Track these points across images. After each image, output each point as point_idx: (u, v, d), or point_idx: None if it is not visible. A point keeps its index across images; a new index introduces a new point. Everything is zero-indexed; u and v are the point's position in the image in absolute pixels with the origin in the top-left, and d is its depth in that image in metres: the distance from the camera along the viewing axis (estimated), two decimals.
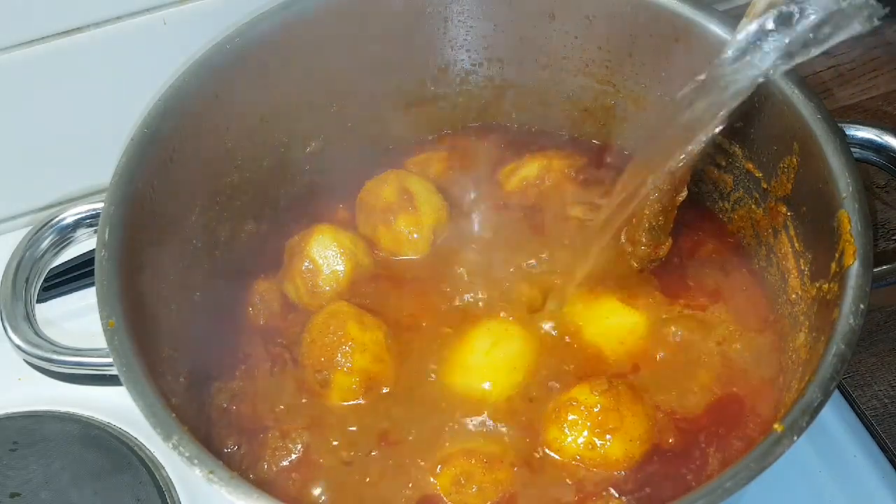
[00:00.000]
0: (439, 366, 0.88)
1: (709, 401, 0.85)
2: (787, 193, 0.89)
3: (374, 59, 1.02)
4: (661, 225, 0.91)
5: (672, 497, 0.65)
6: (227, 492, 0.66)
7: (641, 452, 0.81)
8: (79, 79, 1.05)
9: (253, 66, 0.94)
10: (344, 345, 0.86)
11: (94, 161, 0.98)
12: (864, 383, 0.96)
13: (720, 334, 0.89)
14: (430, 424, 0.84)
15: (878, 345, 0.99)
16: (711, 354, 0.88)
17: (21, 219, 1.16)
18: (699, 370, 0.87)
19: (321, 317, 0.89)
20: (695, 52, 0.94)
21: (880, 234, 1.07)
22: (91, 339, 0.78)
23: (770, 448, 0.66)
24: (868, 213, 0.77)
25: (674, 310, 0.91)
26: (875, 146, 0.85)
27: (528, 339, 0.88)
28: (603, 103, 1.05)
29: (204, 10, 1.05)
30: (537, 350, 0.88)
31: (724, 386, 0.86)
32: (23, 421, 0.96)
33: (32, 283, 0.84)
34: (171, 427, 0.69)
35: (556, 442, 0.81)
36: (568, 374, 0.86)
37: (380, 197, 0.97)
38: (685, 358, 0.88)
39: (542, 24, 1.01)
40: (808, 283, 0.84)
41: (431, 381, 0.87)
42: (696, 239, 0.97)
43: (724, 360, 0.88)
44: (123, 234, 0.80)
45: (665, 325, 0.90)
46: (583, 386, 0.82)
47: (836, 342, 0.71)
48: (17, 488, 0.90)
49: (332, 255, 0.94)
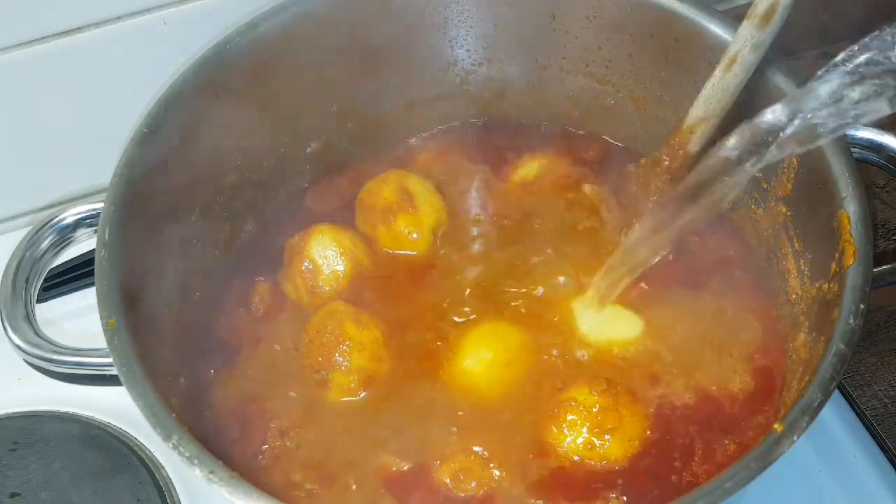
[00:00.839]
0: (438, 365, 0.88)
1: (707, 400, 0.85)
2: (787, 193, 0.89)
3: (374, 59, 1.02)
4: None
5: (671, 497, 0.65)
6: (227, 492, 0.66)
7: (640, 452, 0.81)
8: (79, 79, 1.05)
9: (253, 66, 0.94)
10: (341, 344, 0.86)
11: (94, 161, 0.98)
12: (864, 383, 0.96)
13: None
14: (428, 422, 0.84)
15: (878, 345, 0.99)
16: (711, 354, 0.88)
17: (21, 219, 1.16)
18: (697, 370, 0.87)
19: (318, 317, 0.89)
20: (695, 52, 0.94)
21: (880, 234, 1.07)
22: (91, 339, 0.77)
23: (770, 448, 0.65)
24: (868, 213, 0.77)
25: (674, 310, 0.91)
26: (875, 146, 0.85)
27: (525, 339, 0.88)
28: (603, 103, 1.05)
29: (204, 10, 1.05)
30: (536, 349, 0.88)
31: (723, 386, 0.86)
32: (23, 421, 0.96)
33: (32, 283, 0.84)
34: (171, 427, 0.69)
35: (555, 441, 0.81)
36: (567, 374, 0.86)
37: (380, 197, 0.97)
38: (685, 358, 0.88)
39: (542, 24, 1.01)
40: (808, 283, 0.84)
41: (430, 380, 0.87)
42: (696, 239, 0.97)
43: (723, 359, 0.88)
44: (123, 234, 0.80)
45: (664, 325, 0.90)
46: (581, 386, 0.82)
47: (836, 342, 0.70)
48: (17, 488, 0.90)
49: (332, 255, 0.94)
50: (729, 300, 0.91)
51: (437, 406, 0.85)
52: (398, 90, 1.06)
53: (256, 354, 0.91)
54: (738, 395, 0.85)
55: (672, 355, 0.88)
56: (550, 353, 0.88)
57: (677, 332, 0.89)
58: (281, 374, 0.89)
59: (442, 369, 0.88)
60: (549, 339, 0.89)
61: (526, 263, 0.95)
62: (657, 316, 0.90)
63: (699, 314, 0.90)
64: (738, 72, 0.84)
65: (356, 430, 0.85)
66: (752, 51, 0.82)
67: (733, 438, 0.82)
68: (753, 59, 0.83)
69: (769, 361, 0.87)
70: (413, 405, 0.86)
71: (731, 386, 0.85)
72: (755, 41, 0.82)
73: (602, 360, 0.87)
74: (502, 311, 0.91)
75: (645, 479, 0.80)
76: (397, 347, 0.89)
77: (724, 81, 0.85)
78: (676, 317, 0.90)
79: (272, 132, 1.00)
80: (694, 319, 0.90)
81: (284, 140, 1.02)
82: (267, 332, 0.93)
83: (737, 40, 0.83)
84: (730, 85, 0.85)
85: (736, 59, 0.83)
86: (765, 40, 0.82)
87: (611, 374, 0.85)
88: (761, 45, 0.82)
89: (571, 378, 0.85)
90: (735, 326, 0.89)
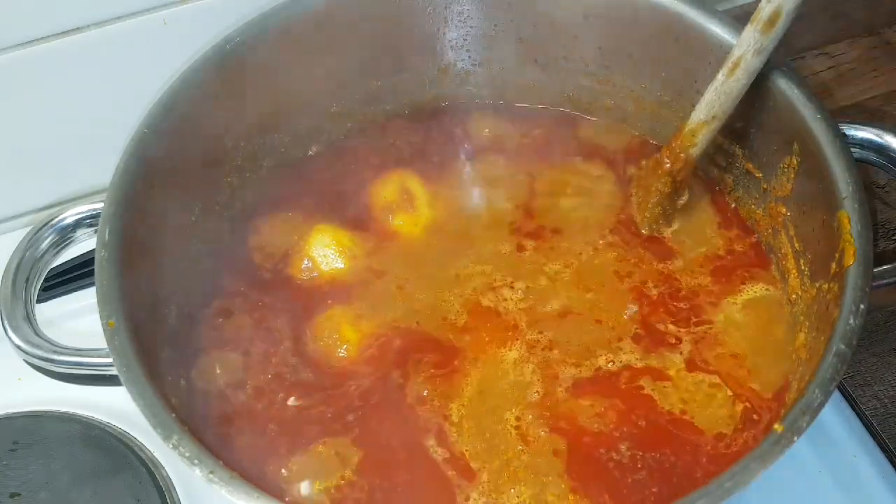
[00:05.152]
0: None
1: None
2: (787, 193, 0.89)
3: (374, 60, 1.03)
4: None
5: (670, 497, 0.66)
6: (227, 492, 0.66)
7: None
8: (79, 79, 1.05)
9: (253, 65, 0.94)
10: (339, 348, 0.88)
11: (94, 161, 0.98)
12: (864, 383, 0.96)
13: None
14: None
15: (878, 345, 0.99)
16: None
17: (21, 219, 1.16)
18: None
19: (317, 319, 0.90)
20: (695, 52, 0.94)
21: (880, 234, 1.07)
22: (91, 339, 0.77)
23: (770, 448, 0.65)
24: (868, 213, 0.77)
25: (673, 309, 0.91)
26: (875, 146, 0.85)
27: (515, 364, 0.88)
28: (603, 103, 1.05)
29: (204, 10, 1.04)
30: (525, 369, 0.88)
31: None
32: (23, 421, 0.96)
33: (32, 283, 0.84)
34: (171, 427, 0.69)
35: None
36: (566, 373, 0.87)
37: (380, 196, 0.98)
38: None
39: (542, 24, 1.01)
40: (808, 283, 0.84)
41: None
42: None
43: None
44: (123, 234, 0.80)
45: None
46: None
47: (836, 342, 0.70)
48: (17, 488, 0.90)
49: (332, 255, 0.94)
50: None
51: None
52: (398, 90, 1.06)
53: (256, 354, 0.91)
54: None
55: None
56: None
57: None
58: (280, 375, 0.89)
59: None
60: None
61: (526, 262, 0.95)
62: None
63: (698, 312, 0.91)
64: (741, 76, 0.84)
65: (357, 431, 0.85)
66: (755, 55, 0.82)
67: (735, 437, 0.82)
68: (756, 63, 0.83)
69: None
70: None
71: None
72: (758, 46, 0.82)
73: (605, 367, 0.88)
74: (502, 310, 0.91)
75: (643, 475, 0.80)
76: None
77: (726, 85, 0.85)
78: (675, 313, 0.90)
79: (272, 132, 1.00)
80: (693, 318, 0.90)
81: (285, 140, 1.02)
82: (266, 332, 0.93)
83: (740, 45, 0.83)
84: (732, 89, 0.85)
85: (739, 63, 0.83)
86: (768, 45, 0.82)
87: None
88: (764, 50, 0.82)
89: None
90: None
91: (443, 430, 0.83)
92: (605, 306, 0.91)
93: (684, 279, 0.92)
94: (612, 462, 0.80)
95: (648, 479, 0.79)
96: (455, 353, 0.88)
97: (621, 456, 0.80)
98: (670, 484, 0.78)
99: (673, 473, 0.79)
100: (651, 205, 0.95)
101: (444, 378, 0.86)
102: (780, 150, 0.88)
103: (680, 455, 0.80)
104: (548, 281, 0.93)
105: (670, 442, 0.81)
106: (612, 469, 0.79)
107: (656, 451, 0.80)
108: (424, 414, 0.84)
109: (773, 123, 0.89)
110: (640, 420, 0.82)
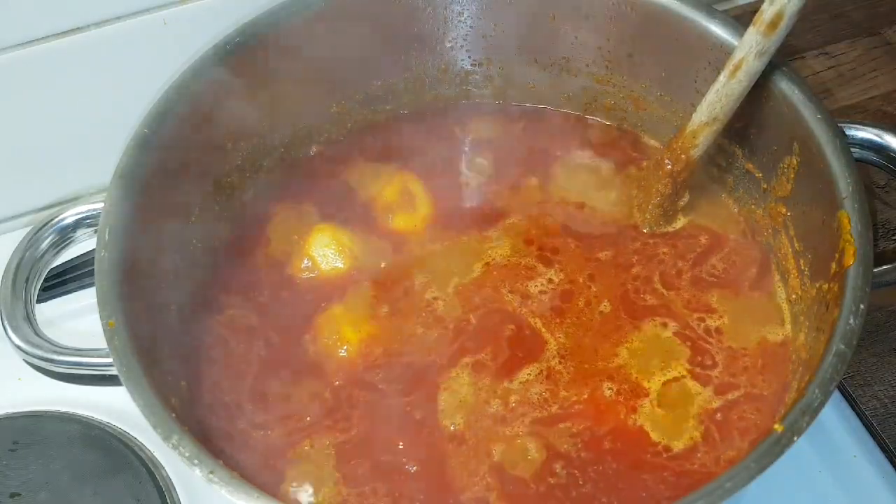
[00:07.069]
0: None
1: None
2: (787, 193, 0.89)
3: (374, 60, 1.03)
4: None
5: (670, 497, 0.66)
6: (227, 492, 0.66)
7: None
8: (79, 79, 1.05)
9: (253, 65, 0.94)
10: (340, 348, 0.88)
11: (94, 161, 0.98)
12: (864, 383, 0.96)
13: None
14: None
15: (878, 345, 0.99)
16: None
17: (21, 219, 1.16)
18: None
19: (317, 319, 0.90)
20: (695, 52, 0.94)
21: (880, 234, 1.07)
22: (91, 339, 0.77)
23: (770, 448, 0.66)
24: (868, 213, 0.77)
25: (673, 309, 0.91)
26: (875, 146, 0.85)
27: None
28: (603, 103, 1.05)
29: (204, 10, 1.04)
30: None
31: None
32: (23, 421, 0.96)
33: (32, 283, 0.84)
34: (171, 427, 0.69)
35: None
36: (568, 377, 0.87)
37: (381, 196, 0.99)
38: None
39: (542, 24, 1.01)
40: (808, 283, 0.84)
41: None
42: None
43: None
44: (123, 234, 0.80)
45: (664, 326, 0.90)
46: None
47: (836, 342, 0.70)
48: (17, 488, 0.90)
49: (332, 254, 0.94)
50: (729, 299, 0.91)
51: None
52: (398, 90, 1.06)
53: (255, 353, 0.91)
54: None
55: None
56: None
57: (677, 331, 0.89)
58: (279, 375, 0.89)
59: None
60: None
61: (526, 262, 0.95)
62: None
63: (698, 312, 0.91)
64: (743, 78, 0.84)
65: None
66: (756, 57, 0.82)
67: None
68: (758, 65, 0.83)
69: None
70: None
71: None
72: (760, 48, 0.82)
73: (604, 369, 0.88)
74: (501, 310, 0.91)
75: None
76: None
77: (728, 87, 0.85)
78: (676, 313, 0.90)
79: (272, 132, 1.00)
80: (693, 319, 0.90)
81: (285, 140, 1.02)
82: (265, 332, 0.93)
83: (742, 47, 0.83)
84: (734, 91, 0.85)
85: (741, 65, 0.83)
86: (770, 48, 0.82)
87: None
88: (766, 52, 0.82)
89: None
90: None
91: (443, 430, 0.83)
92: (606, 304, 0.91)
93: (684, 279, 0.92)
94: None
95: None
96: (455, 353, 0.88)
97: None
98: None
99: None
100: (652, 205, 0.95)
101: (444, 378, 0.86)
102: (780, 150, 0.88)
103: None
104: (550, 281, 0.93)
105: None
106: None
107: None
108: (424, 414, 0.84)
109: (773, 123, 0.89)
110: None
